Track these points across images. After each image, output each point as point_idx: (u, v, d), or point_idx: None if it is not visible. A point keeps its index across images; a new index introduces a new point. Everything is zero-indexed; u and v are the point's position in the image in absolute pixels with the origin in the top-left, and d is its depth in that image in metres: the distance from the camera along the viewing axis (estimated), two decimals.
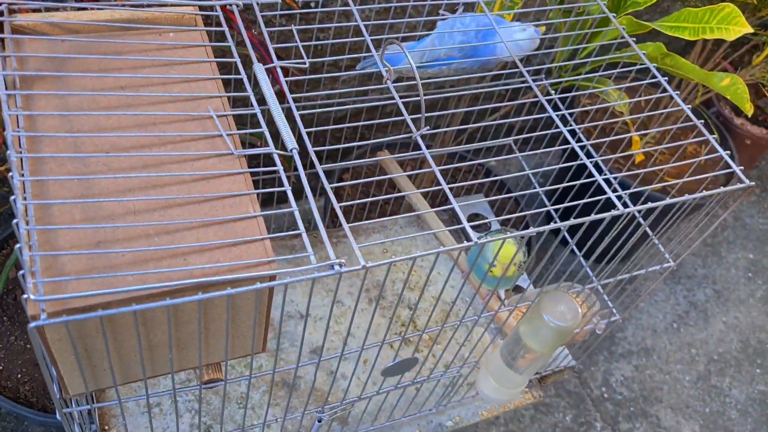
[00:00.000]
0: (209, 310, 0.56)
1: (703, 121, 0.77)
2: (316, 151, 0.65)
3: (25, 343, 1.17)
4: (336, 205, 0.59)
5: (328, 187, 0.60)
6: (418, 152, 0.67)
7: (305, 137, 0.64)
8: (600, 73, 0.93)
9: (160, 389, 0.87)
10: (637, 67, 0.86)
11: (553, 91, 0.94)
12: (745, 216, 2.21)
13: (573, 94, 0.96)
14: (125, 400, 0.69)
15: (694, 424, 1.74)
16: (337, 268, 0.55)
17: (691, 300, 1.97)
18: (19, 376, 1.14)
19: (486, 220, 1.10)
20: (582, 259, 0.80)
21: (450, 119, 1.11)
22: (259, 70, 0.65)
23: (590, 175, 0.69)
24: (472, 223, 0.64)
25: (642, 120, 1.64)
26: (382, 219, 0.65)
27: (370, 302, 1.07)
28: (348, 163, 0.72)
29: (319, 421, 0.79)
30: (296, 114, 0.65)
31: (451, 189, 0.63)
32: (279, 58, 0.71)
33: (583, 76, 1.00)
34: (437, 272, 1.13)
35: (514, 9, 0.93)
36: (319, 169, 0.61)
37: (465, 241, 0.61)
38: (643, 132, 0.89)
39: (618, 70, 0.93)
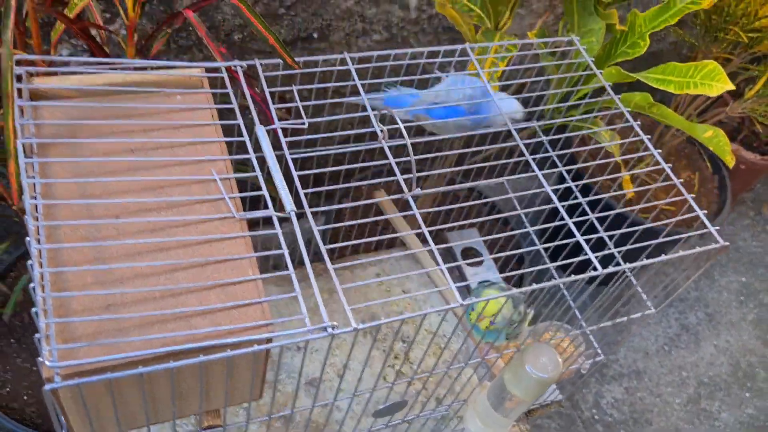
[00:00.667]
0: (210, 366, 0.60)
1: (683, 176, 0.80)
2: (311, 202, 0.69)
3: (31, 365, 1.21)
4: (330, 267, 0.63)
5: (323, 248, 0.64)
6: (409, 212, 0.71)
7: (302, 197, 0.68)
8: (594, 113, 0.97)
9: (161, 427, 0.91)
10: (614, 110, 0.90)
11: (543, 135, 0.97)
12: (739, 239, 2.24)
13: (565, 134, 0.99)
14: None
15: None
16: (330, 330, 0.59)
17: (683, 323, 2.01)
18: (25, 397, 1.18)
19: (480, 259, 1.14)
20: (572, 302, 0.84)
21: (442, 162, 1.15)
22: (261, 132, 0.69)
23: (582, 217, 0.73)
24: (469, 260, 0.68)
25: (633, 155, 1.68)
26: (377, 256, 0.68)
27: (365, 335, 1.11)
28: (343, 223, 0.75)
29: None
30: (295, 175, 0.69)
31: (447, 218, 0.67)
32: (285, 113, 0.75)
33: (576, 117, 1.03)
34: (431, 305, 1.17)
35: (508, 56, 0.97)
36: (316, 231, 0.65)
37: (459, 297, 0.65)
38: (639, 176, 0.93)
39: (610, 112, 0.97)
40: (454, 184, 1.37)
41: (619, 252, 0.76)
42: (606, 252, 0.76)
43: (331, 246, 0.66)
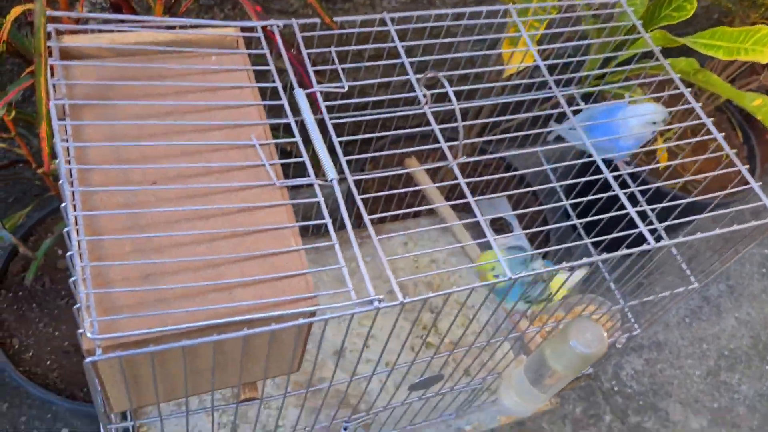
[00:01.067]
0: (252, 339, 0.58)
1: (723, 134, 0.77)
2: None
3: (53, 330, 1.20)
4: (374, 238, 0.61)
5: (367, 219, 0.62)
6: (453, 181, 0.68)
7: (344, 165, 0.65)
8: (638, 80, 0.93)
9: (196, 401, 0.90)
10: (660, 77, 0.86)
11: (582, 103, 0.94)
12: (761, 210, 2.20)
13: (606, 103, 0.96)
14: (166, 417, 0.71)
15: (702, 419, 1.77)
16: (376, 303, 0.57)
17: (705, 295, 1.99)
18: (48, 362, 1.17)
19: (511, 236, 1.11)
20: (612, 284, 0.82)
21: (468, 130, 1.11)
22: (301, 97, 0.66)
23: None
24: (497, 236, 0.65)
25: (671, 124, 1.64)
26: (407, 224, 0.66)
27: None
28: (377, 173, 0.72)
29: (345, 430, 0.82)
30: (336, 141, 0.66)
31: (474, 189, 0.65)
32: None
33: (619, 85, 0.99)
34: (459, 276, 1.14)
35: (547, 19, 0.93)
36: (359, 200, 0.63)
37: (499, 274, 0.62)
38: (674, 143, 0.89)
39: (656, 78, 0.93)
40: (484, 153, 1.34)
41: (662, 227, 0.73)
42: (645, 227, 0.74)
43: (374, 216, 0.63)
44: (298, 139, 0.64)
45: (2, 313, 1.19)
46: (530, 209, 0.74)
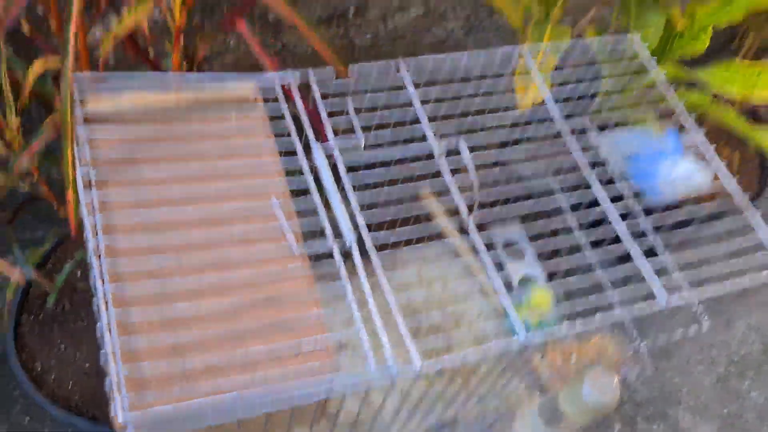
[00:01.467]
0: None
1: (724, 154, 0.78)
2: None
3: (74, 351, 1.23)
4: (399, 319, 0.62)
5: (389, 292, 0.63)
6: (469, 234, 0.69)
7: (364, 234, 0.66)
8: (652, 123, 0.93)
9: None
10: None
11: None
12: None
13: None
14: None
15: (711, 426, 1.78)
16: (394, 372, 0.58)
17: (715, 300, 1.99)
18: (70, 385, 1.20)
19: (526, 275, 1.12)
20: (631, 323, 0.83)
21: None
22: (320, 157, 0.67)
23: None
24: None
25: None
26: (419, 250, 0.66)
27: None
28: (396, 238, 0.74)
29: None
30: (353, 200, 0.67)
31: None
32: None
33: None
34: (470, 298, 1.16)
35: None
36: (380, 274, 0.64)
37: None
38: None
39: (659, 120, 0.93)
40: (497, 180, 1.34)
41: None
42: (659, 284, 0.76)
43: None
44: (319, 205, 0.65)
45: (25, 337, 1.22)
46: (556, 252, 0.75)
